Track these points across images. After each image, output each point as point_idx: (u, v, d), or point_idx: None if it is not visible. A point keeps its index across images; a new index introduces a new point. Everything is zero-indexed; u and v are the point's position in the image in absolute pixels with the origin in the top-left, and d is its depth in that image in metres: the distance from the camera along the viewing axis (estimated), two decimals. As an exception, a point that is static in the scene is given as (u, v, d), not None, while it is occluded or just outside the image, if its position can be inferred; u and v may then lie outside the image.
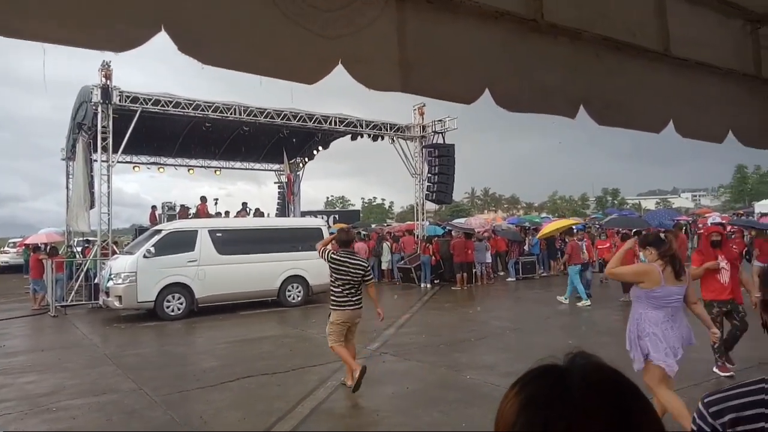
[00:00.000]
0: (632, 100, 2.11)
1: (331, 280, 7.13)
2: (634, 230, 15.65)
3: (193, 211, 21.29)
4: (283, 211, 26.56)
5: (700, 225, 25.23)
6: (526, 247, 21.18)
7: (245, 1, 1.31)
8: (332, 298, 7.16)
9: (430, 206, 24.48)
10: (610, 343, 10.09)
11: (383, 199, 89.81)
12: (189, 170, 26.14)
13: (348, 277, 7.00)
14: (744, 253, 14.47)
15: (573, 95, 1.92)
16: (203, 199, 21.27)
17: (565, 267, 15.72)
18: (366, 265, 7.39)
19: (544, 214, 56.53)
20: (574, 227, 19.51)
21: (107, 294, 13.53)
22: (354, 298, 7.05)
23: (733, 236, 17.33)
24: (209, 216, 20.10)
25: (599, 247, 17.15)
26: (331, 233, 20.92)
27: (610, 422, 0.66)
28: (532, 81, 1.83)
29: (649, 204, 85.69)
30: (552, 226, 19.72)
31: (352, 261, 7.09)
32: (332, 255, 7.07)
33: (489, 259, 19.44)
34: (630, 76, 2.08)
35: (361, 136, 21.83)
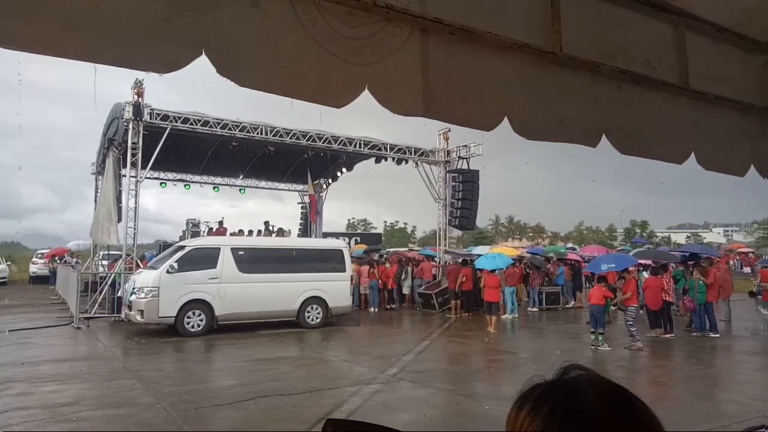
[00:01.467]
0: (654, 131, 2.13)
1: None
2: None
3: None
4: (305, 231, 26.78)
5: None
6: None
7: (279, 26, 1.39)
8: None
9: (454, 232, 24.44)
10: (627, 378, 9.88)
11: (405, 223, 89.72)
12: (214, 188, 26.63)
13: None
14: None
15: (593, 125, 1.96)
16: (221, 223, 21.73)
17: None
18: None
19: (570, 245, 55.75)
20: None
21: (129, 308, 13.74)
22: None
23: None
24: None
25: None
26: (352, 256, 21.18)
27: (627, 425, 0.72)
28: (550, 110, 1.88)
29: (680, 238, 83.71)
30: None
31: None
32: None
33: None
34: (651, 107, 2.11)
35: (386, 159, 22.00)
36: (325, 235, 26.71)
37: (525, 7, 1.86)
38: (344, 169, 25.67)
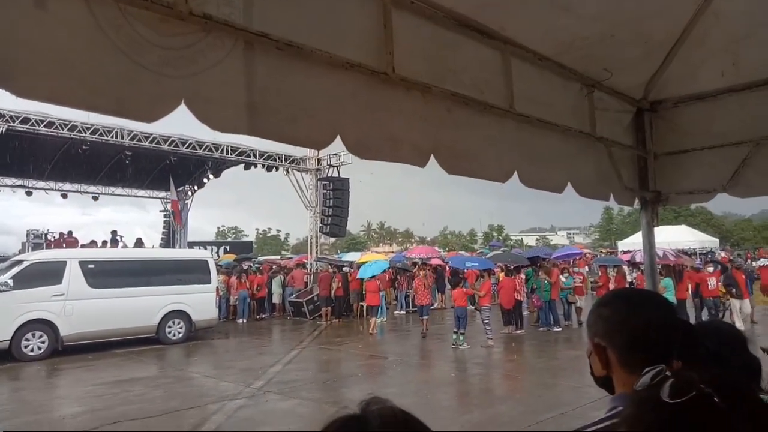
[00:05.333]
0: (479, 151, 2.27)
1: None
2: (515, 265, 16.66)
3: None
4: (168, 241, 25.16)
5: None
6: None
7: (72, 32, 1.23)
8: None
9: (327, 239, 24.42)
10: (483, 374, 10.57)
11: (279, 231, 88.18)
12: (62, 195, 24.03)
13: None
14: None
15: (423, 145, 2.03)
16: (69, 233, 19.69)
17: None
18: None
19: (436, 248, 58.43)
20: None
21: (-50, 333, 11.88)
22: None
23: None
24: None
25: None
26: (219, 266, 20.26)
27: None
28: (383, 130, 1.92)
29: (531, 240, 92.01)
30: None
31: None
32: None
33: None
34: (478, 129, 2.24)
35: (255, 166, 21.43)
36: (192, 244, 25.30)
37: (358, 27, 1.88)
38: (211, 176, 24.51)
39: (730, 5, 2.61)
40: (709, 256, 28.55)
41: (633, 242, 26.28)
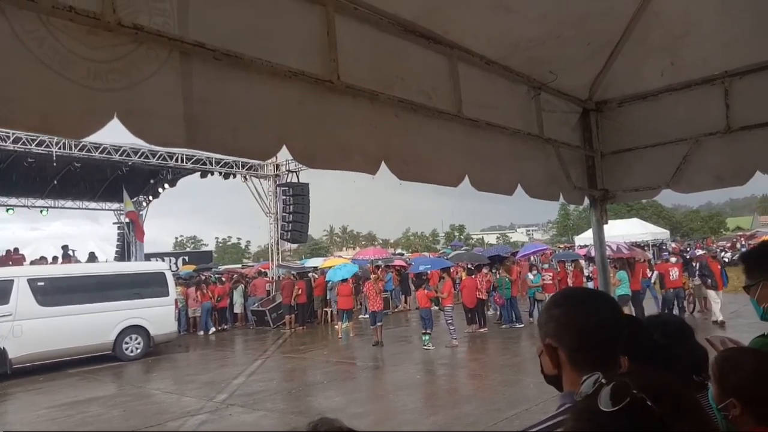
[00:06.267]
0: (430, 157, 2.27)
1: None
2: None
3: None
4: (123, 254, 24.37)
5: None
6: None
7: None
8: None
9: (289, 245, 24.14)
10: (449, 374, 10.65)
11: (239, 239, 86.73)
12: (7, 209, 22.98)
13: None
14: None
15: (373, 153, 2.02)
16: (16, 250, 18.85)
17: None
18: None
19: (399, 250, 58.67)
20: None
21: None
22: None
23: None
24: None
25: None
26: (178, 277, 19.75)
27: None
28: (331, 139, 1.89)
29: (491, 238, 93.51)
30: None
31: None
32: None
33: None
34: (427, 134, 2.24)
35: (212, 174, 21.02)
36: (149, 256, 24.56)
37: (301, 35, 1.85)
38: (166, 185, 23.89)
39: (668, 5, 2.70)
40: (663, 247, 29.64)
41: (589, 237, 26.93)
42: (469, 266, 18.12)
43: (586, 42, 2.85)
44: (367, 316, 19.98)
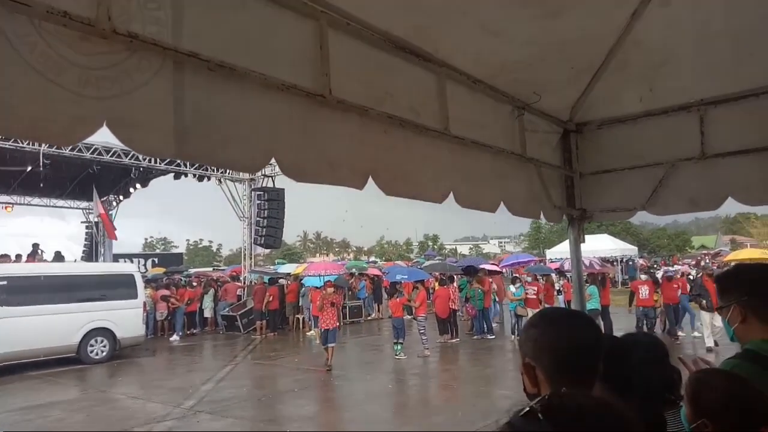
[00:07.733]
0: (416, 173, 2.29)
1: None
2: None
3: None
4: (91, 254, 23.77)
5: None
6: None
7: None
8: None
9: (262, 250, 23.91)
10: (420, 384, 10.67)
11: (210, 242, 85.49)
12: (-30, 206, 22.23)
13: None
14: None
15: (360, 168, 2.02)
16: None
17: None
18: None
19: (372, 258, 58.65)
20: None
21: None
22: None
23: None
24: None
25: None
26: (146, 279, 19.35)
27: None
28: (320, 153, 1.89)
29: (464, 249, 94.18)
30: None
31: None
32: None
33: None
34: (414, 151, 2.26)
35: (185, 176, 20.71)
36: (117, 257, 24.04)
37: (294, 48, 1.85)
38: (138, 185, 23.41)
39: (649, 34, 2.78)
40: (630, 263, 30.28)
41: (560, 251, 27.40)
42: (442, 276, 18.21)
43: (570, 65, 2.91)
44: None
